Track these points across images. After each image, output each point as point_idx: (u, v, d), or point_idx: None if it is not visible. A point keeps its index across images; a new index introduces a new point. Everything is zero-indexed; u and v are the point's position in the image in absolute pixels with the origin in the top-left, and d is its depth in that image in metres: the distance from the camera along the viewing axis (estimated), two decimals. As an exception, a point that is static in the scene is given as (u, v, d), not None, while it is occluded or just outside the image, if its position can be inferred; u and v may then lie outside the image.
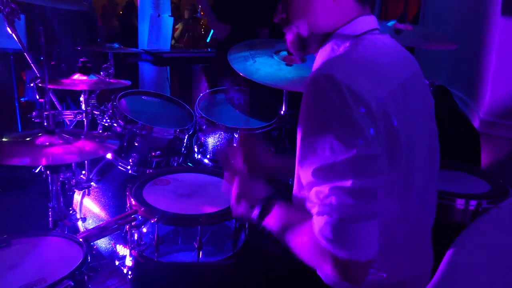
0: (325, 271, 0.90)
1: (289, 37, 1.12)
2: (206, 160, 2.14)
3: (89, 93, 2.02)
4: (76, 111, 2.03)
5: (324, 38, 1.08)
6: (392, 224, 0.98)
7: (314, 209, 0.91)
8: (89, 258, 1.24)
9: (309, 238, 0.92)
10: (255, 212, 1.09)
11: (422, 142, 1.05)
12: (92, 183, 2.06)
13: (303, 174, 0.95)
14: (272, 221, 1.07)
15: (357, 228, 0.86)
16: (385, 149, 0.91)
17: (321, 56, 1.09)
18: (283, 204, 1.09)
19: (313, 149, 0.90)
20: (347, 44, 1.03)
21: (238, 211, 1.16)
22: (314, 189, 0.91)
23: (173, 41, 6.20)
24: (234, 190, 1.17)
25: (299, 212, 1.03)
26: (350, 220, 0.86)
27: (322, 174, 0.89)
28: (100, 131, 2.09)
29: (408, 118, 0.97)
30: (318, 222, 0.89)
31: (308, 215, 0.95)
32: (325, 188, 0.88)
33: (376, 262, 0.92)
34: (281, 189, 2.09)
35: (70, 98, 3.32)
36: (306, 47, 1.11)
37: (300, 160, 0.95)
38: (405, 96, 0.97)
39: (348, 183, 0.85)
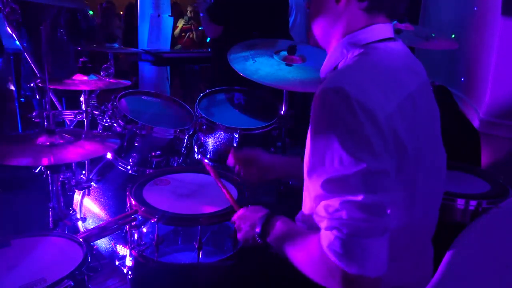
0: (332, 287, 0.89)
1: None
2: (206, 160, 2.14)
3: (89, 93, 2.02)
4: (76, 111, 2.03)
5: (334, 40, 1.09)
6: (395, 231, 0.98)
7: (322, 223, 0.89)
8: (89, 258, 1.24)
9: (315, 252, 0.91)
10: (257, 231, 1.12)
11: (429, 152, 1.04)
12: (92, 183, 2.06)
13: (311, 186, 0.94)
14: (275, 237, 1.08)
15: (367, 244, 0.85)
16: (393, 161, 0.91)
17: (330, 58, 1.10)
18: (285, 220, 1.10)
19: (322, 161, 0.90)
20: (357, 52, 1.03)
21: (241, 235, 1.20)
22: (323, 203, 0.90)
23: (179, 46, 6.17)
24: (236, 219, 1.24)
25: (302, 228, 1.04)
26: (360, 235, 0.85)
27: (332, 187, 0.88)
28: (100, 131, 2.09)
29: (415, 129, 0.97)
30: (327, 236, 0.88)
31: (312, 230, 0.95)
32: (335, 202, 0.87)
33: None
34: (281, 190, 2.10)
35: (65, 99, 3.30)
36: (320, 45, 1.16)
37: (309, 171, 0.94)
38: (413, 107, 0.97)
39: (359, 197, 0.84)
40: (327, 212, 0.88)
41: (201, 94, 2.28)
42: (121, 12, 7.42)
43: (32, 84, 1.94)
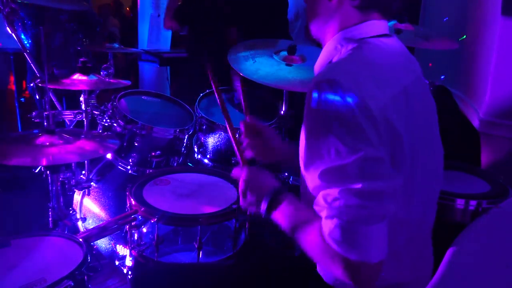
0: (335, 274, 0.90)
1: None
2: (206, 160, 2.14)
3: (89, 93, 2.02)
4: (76, 111, 2.03)
5: (328, 36, 1.10)
6: (394, 227, 0.98)
7: (323, 213, 0.91)
8: (89, 258, 1.24)
9: (318, 240, 0.92)
10: (263, 205, 1.09)
11: (425, 147, 1.05)
12: (92, 183, 2.06)
13: (309, 178, 0.95)
14: (280, 216, 1.07)
15: (367, 230, 0.86)
16: (388, 154, 0.92)
17: (325, 53, 1.11)
18: (292, 199, 1.08)
19: (319, 153, 0.90)
20: (350, 46, 1.04)
21: (245, 202, 1.16)
22: (322, 193, 0.91)
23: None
24: (241, 181, 1.18)
25: (308, 209, 1.03)
26: (360, 222, 0.86)
27: (330, 177, 0.89)
28: (100, 131, 2.09)
29: (410, 123, 0.97)
30: (327, 225, 0.89)
31: (315, 216, 0.95)
32: (333, 191, 0.88)
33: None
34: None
35: (65, 99, 3.32)
36: (316, 40, 1.16)
37: (305, 164, 0.95)
38: (407, 101, 0.98)
39: (357, 185, 0.85)
40: (326, 202, 0.89)
41: (201, 94, 2.28)
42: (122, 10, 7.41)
43: (32, 84, 1.93)
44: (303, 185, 1.13)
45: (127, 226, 1.55)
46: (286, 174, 2.07)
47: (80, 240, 1.34)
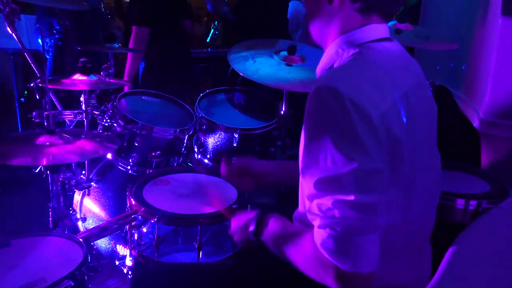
0: (327, 283, 0.91)
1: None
2: (206, 160, 2.14)
3: (89, 93, 2.02)
4: (76, 111, 2.03)
5: (329, 40, 1.09)
6: (393, 231, 0.98)
7: (316, 221, 0.91)
8: (89, 258, 1.25)
9: (310, 250, 0.92)
10: (251, 228, 1.13)
11: (425, 151, 1.05)
12: (92, 183, 2.06)
13: (305, 185, 0.95)
14: (269, 234, 1.09)
15: (360, 241, 0.86)
16: (388, 160, 0.92)
17: (326, 56, 1.10)
18: (278, 217, 1.11)
19: (315, 160, 0.90)
20: (351, 51, 1.03)
21: (237, 237, 1.22)
22: (316, 201, 0.91)
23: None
24: (231, 223, 1.25)
25: (295, 225, 1.04)
26: (353, 233, 0.86)
27: (324, 186, 0.89)
28: (100, 131, 2.09)
29: (410, 128, 0.97)
30: (320, 234, 0.89)
31: (305, 228, 0.95)
32: (327, 201, 0.88)
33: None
34: (281, 190, 2.10)
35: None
36: (317, 44, 1.16)
37: (302, 170, 0.95)
38: (408, 106, 0.98)
39: (351, 197, 0.85)
40: (320, 211, 0.89)
41: (201, 94, 2.28)
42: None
43: (32, 84, 1.94)
44: (301, 190, 1.14)
45: (127, 226, 1.55)
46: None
47: (80, 240, 1.34)
